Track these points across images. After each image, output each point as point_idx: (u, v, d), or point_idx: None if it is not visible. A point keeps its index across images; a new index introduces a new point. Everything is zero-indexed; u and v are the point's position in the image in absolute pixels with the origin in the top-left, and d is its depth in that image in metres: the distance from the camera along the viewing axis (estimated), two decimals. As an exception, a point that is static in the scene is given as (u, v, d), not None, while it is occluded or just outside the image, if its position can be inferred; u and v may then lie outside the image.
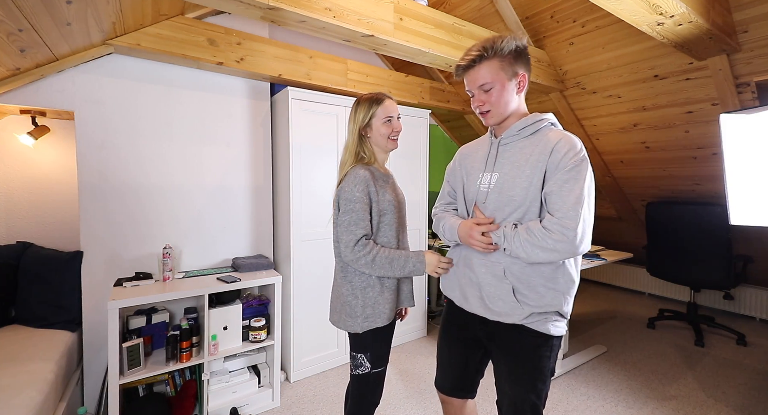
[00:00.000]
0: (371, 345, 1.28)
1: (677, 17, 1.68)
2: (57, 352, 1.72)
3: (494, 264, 1.08)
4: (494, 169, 1.11)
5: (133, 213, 2.06)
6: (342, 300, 1.29)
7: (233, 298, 2.10)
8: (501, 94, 1.05)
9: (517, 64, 1.05)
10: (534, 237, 0.96)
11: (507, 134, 1.10)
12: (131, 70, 2.03)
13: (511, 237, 1.00)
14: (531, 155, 1.03)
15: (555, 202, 0.97)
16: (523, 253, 0.99)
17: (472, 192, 1.16)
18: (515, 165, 1.05)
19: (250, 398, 2.04)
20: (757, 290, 3.27)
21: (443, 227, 1.22)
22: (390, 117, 1.32)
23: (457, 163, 1.29)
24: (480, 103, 1.08)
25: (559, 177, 0.97)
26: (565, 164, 0.97)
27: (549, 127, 1.08)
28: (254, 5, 1.42)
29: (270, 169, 2.55)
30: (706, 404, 2.10)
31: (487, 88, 1.05)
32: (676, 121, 2.61)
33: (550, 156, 0.99)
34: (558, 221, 0.94)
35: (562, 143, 0.99)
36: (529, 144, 1.05)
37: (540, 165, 1.00)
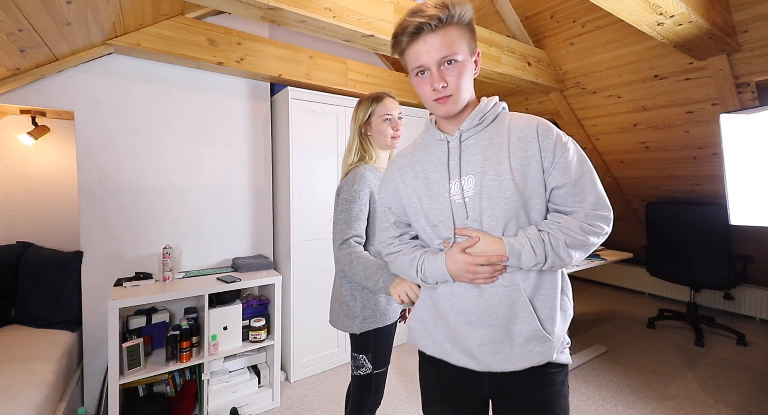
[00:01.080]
0: (372, 346, 1.27)
1: (677, 17, 1.68)
2: (57, 352, 1.72)
3: (510, 291, 0.81)
4: (464, 172, 0.84)
5: (133, 213, 2.06)
6: (341, 300, 1.28)
7: (233, 298, 2.10)
8: (464, 71, 0.81)
9: (473, 39, 0.83)
10: (575, 237, 0.78)
11: (467, 126, 0.85)
12: (131, 70, 2.03)
13: (542, 244, 0.77)
14: (506, 143, 0.82)
15: (576, 193, 0.80)
16: (562, 260, 0.79)
17: (441, 210, 0.85)
18: (492, 160, 0.81)
19: (250, 398, 2.04)
20: (757, 290, 3.27)
21: (419, 269, 0.89)
22: (389, 115, 1.31)
23: (397, 179, 0.95)
24: (442, 84, 0.79)
25: (563, 164, 0.80)
26: (561, 147, 0.80)
27: (506, 111, 0.89)
28: (254, 5, 1.42)
29: (270, 169, 2.55)
30: (706, 404, 2.10)
31: (452, 59, 0.78)
32: (676, 121, 2.61)
33: (538, 141, 0.80)
34: (595, 213, 0.79)
35: (542, 125, 0.82)
36: (495, 132, 0.84)
37: (529, 153, 0.80)
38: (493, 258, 0.79)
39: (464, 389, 0.90)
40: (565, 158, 0.80)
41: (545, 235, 0.79)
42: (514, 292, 0.81)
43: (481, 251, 0.80)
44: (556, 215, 0.82)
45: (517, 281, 0.82)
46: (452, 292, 0.86)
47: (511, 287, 0.82)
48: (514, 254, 0.78)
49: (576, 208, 0.81)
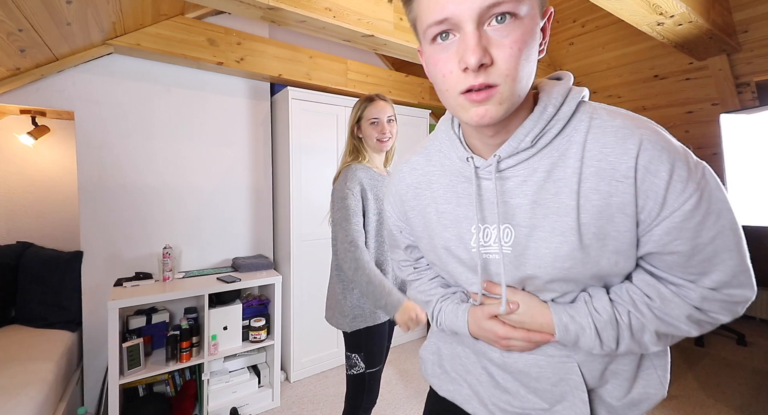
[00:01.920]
0: (364, 344, 1.28)
1: (677, 17, 1.68)
2: (57, 352, 1.72)
3: (557, 363, 0.57)
4: (497, 218, 0.54)
5: (133, 213, 2.06)
6: (335, 298, 1.30)
7: (233, 298, 2.10)
8: (529, 41, 0.44)
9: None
10: (676, 326, 0.52)
11: (510, 149, 0.52)
12: (131, 70, 2.03)
13: (616, 329, 0.52)
14: (575, 181, 0.50)
15: (694, 265, 0.49)
16: (644, 348, 0.54)
17: (461, 262, 0.61)
18: (547, 208, 0.51)
19: (250, 398, 2.04)
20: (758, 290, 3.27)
21: (435, 317, 0.69)
22: (376, 118, 1.31)
23: (405, 204, 0.68)
24: (479, 59, 0.42)
25: (680, 222, 0.47)
26: (681, 192, 0.46)
27: (584, 113, 0.51)
28: (254, 5, 1.42)
29: (270, 169, 2.55)
30: (706, 404, 2.10)
31: (507, 10, 0.42)
32: (676, 121, 2.61)
33: (636, 181, 0.47)
34: (719, 293, 0.50)
35: (647, 151, 0.46)
36: (560, 157, 0.51)
37: (614, 200, 0.48)
38: (535, 336, 0.56)
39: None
40: (683, 212, 0.46)
41: (624, 314, 0.52)
42: (563, 366, 0.57)
43: (520, 322, 0.56)
44: (651, 285, 0.52)
45: (569, 352, 0.57)
46: (476, 343, 0.65)
47: (561, 357, 0.57)
48: (568, 337, 0.53)
49: (688, 282, 0.51)
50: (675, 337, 0.54)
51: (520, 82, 0.45)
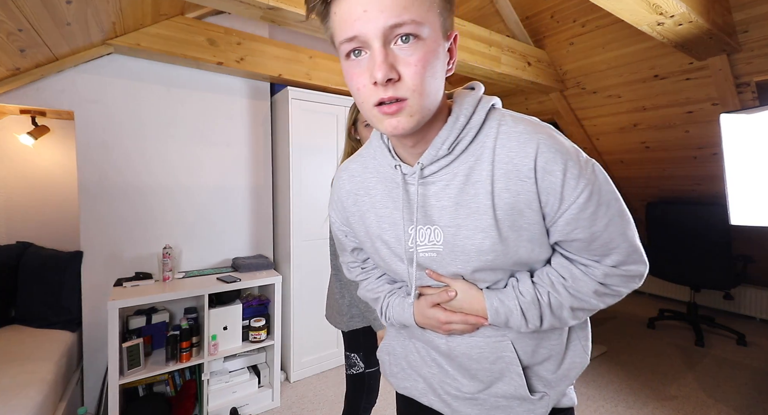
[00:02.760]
0: (363, 344, 1.27)
1: (677, 17, 1.68)
2: (57, 352, 1.72)
3: (493, 342, 0.64)
4: (428, 221, 0.61)
5: (133, 213, 2.06)
6: (333, 297, 1.31)
7: (233, 298, 2.10)
8: (431, 59, 0.49)
9: (450, 12, 0.53)
10: (587, 301, 0.60)
11: (430, 157, 0.58)
12: (131, 70, 2.03)
13: (538, 308, 0.60)
14: (489, 182, 0.56)
15: (594, 248, 0.58)
16: (564, 322, 0.62)
17: (399, 260, 0.66)
18: (468, 208, 0.57)
19: (250, 398, 2.04)
20: (757, 290, 3.27)
21: (383, 312, 0.74)
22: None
23: (347, 210, 0.72)
24: (387, 75, 0.46)
25: (577, 213, 0.54)
26: (573, 187, 0.53)
27: (493, 121, 0.57)
28: (254, 5, 1.42)
29: (270, 169, 2.55)
30: (706, 404, 2.10)
31: (410, 31, 0.46)
32: (676, 121, 2.61)
33: (537, 180, 0.54)
34: (620, 272, 0.59)
35: (543, 154, 0.53)
36: (475, 162, 0.57)
37: (521, 198, 0.55)
38: (471, 319, 0.63)
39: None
40: (577, 205, 0.54)
41: (544, 294, 0.60)
42: (499, 345, 0.64)
43: (459, 308, 0.63)
44: (564, 267, 0.61)
45: (503, 331, 0.64)
46: (423, 334, 0.71)
47: (497, 337, 0.64)
48: (498, 318, 0.61)
49: (593, 262, 0.60)
50: (587, 311, 0.62)
51: (428, 97, 0.50)
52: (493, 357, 0.64)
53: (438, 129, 0.57)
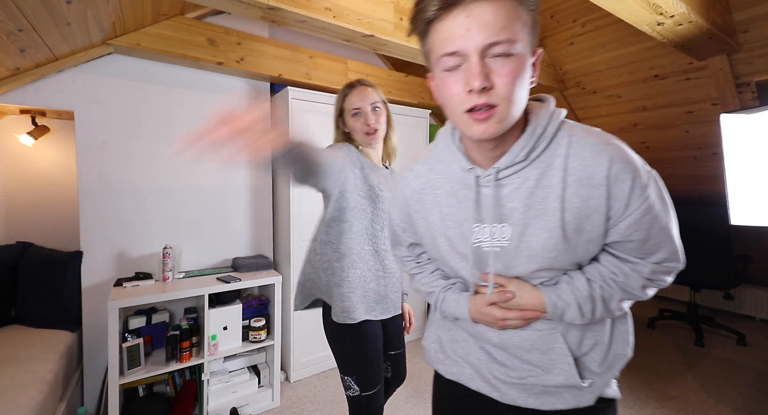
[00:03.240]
0: (356, 368, 1.18)
1: (677, 17, 1.68)
2: (57, 352, 1.72)
3: (544, 335, 0.69)
4: (497, 219, 0.66)
5: (133, 213, 2.06)
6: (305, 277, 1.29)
7: (233, 298, 2.10)
8: (521, 73, 0.54)
9: (536, 32, 0.58)
10: (634, 293, 0.67)
11: (507, 162, 0.63)
12: (131, 70, 2.03)
13: (592, 303, 0.65)
14: (560, 188, 0.61)
15: (646, 248, 0.64)
16: (611, 314, 0.68)
17: (462, 257, 0.71)
18: (537, 209, 0.63)
19: (250, 398, 2.04)
20: (757, 290, 3.27)
21: (437, 305, 0.79)
22: (357, 109, 1.17)
23: (410, 208, 0.77)
24: (483, 84, 0.52)
25: (640, 218, 0.61)
26: (639, 195, 0.59)
27: (564, 131, 0.64)
28: (254, 5, 1.42)
29: (270, 169, 2.55)
30: (706, 404, 2.10)
31: (504, 51, 0.52)
32: (676, 121, 2.61)
33: (608, 188, 0.59)
34: (663, 267, 0.66)
35: (616, 164, 0.59)
36: (546, 169, 0.62)
37: (591, 202, 0.60)
38: (529, 314, 0.67)
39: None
40: (641, 211, 0.60)
41: (597, 289, 0.65)
42: (550, 337, 0.68)
43: (516, 304, 0.68)
44: (615, 264, 0.67)
45: (554, 325, 0.68)
46: (474, 327, 0.75)
47: (547, 330, 0.68)
48: (556, 312, 0.66)
49: (641, 260, 0.65)
50: (631, 302, 0.69)
51: (516, 105, 0.56)
52: (544, 348, 0.69)
53: (515, 136, 0.63)
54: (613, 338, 0.71)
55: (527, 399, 0.71)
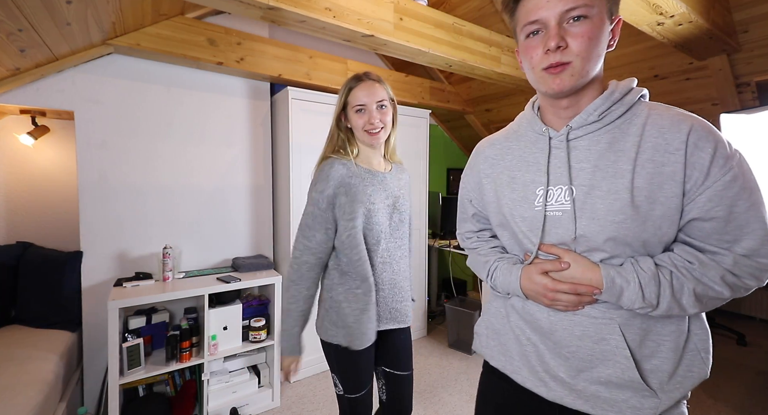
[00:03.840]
0: (336, 367, 1.17)
1: (677, 17, 1.68)
2: (57, 352, 1.72)
3: (599, 323, 0.64)
4: (564, 180, 0.65)
5: (133, 213, 2.06)
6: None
7: (233, 298, 2.10)
8: (597, 33, 0.60)
9: (616, 1, 0.64)
10: (711, 287, 0.59)
11: (580, 121, 0.65)
12: (131, 70, 2.03)
13: (658, 286, 0.59)
14: (633, 152, 0.60)
15: (728, 231, 0.58)
16: (683, 310, 0.60)
17: (524, 220, 0.70)
18: (606, 172, 0.62)
19: (250, 398, 2.04)
20: (757, 290, 3.27)
21: (490, 275, 0.79)
22: (361, 106, 1.09)
23: (480, 171, 0.82)
24: (558, 43, 0.59)
25: (719, 190, 0.56)
26: (721, 164, 0.56)
27: (644, 102, 0.66)
28: (254, 5, 1.42)
29: (270, 169, 2.55)
30: (706, 404, 2.10)
31: (581, 13, 0.58)
32: (676, 121, 2.61)
33: (686, 154, 0.57)
34: (749, 260, 0.58)
35: (697, 130, 0.58)
36: (621, 134, 0.62)
37: (666, 169, 0.58)
38: (582, 288, 0.63)
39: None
40: (723, 182, 0.56)
41: (666, 273, 0.59)
42: (605, 327, 0.63)
43: (570, 276, 0.64)
44: (690, 251, 0.61)
45: (611, 315, 0.63)
46: (525, 308, 0.73)
47: (603, 319, 0.63)
48: (613, 289, 0.61)
49: (723, 249, 0.59)
50: (711, 300, 0.60)
51: (589, 61, 0.61)
52: (597, 337, 0.64)
53: (592, 98, 0.66)
54: (687, 351, 0.64)
55: (575, 400, 0.65)
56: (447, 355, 2.74)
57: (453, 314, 2.89)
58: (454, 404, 2.12)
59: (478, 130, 3.82)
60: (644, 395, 0.61)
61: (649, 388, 0.61)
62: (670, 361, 0.63)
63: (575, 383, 0.66)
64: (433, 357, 2.70)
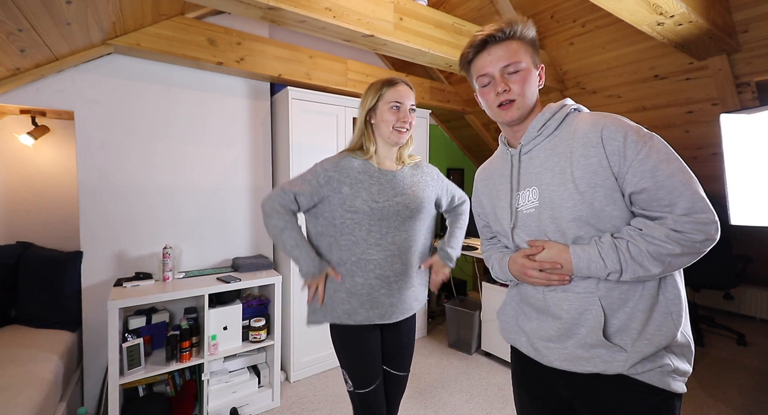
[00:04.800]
0: (345, 363, 1.22)
1: (677, 17, 1.68)
2: (57, 352, 1.72)
3: (582, 297, 0.78)
4: (525, 184, 0.86)
5: (133, 213, 2.06)
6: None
7: (233, 298, 2.10)
8: (528, 78, 0.83)
9: (536, 55, 0.87)
10: (661, 245, 0.70)
11: (526, 138, 0.86)
12: (131, 70, 2.03)
13: (616, 252, 0.72)
14: (568, 152, 0.79)
15: (661, 197, 0.71)
16: (648, 270, 0.72)
17: (506, 220, 0.90)
18: (553, 171, 0.81)
19: (250, 398, 2.04)
20: (757, 290, 3.27)
21: (491, 266, 1.00)
22: (398, 103, 1.16)
23: (479, 191, 1.04)
24: (504, 88, 0.82)
25: (640, 166, 0.71)
26: (634, 147, 0.72)
27: (574, 114, 0.85)
28: (254, 5, 1.42)
29: (270, 169, 2.55)
30: (706, 404, 2.10)
31: (514, 69, 0.82)
32: (676, 121, 2.61)
33: (603, 146, 0.74)
34: (688, 218, 0.69)
35: (608, 128, 0.75)
36: (558, 142, 0.82)
37: (593, 161, 0.75)
38: (546, 264, 0.80)
39: (540, 382, 0.90)
40: (640, 160, 0.71)
41: (622, 242, 0.73)
42: (586, 299, 0.78)
43: (547, 257, 0.81)
44: (640, 220, 0.75)
45: (591, 289, 0.78)
46: (526, 291, 0.91)
47: (585, 294, 0.78)
48: (581, 263, 0.75)
49: (665, 213, 0.72)
50: (669, 258, 0.71)
51: (527, 98, 0.85)
52: (581, 309, 0.78)
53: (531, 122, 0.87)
54: (656, 311, 0.75)
55: (563, 362, 0.80)
56: (447, 355, 2.74)
57: (453, 314, 2.89)
58: (454, 404, 2.11)
59: (477, 130, 3.82)
60: (614, 351, 0.75)
61: (616, 345, 0.75)
62: (639, 321, 0.75)
63: (564, 348, 0.80)
64: (433, 357, 2.70)
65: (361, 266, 1.15)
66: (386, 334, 1.28)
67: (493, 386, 2.31)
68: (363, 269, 1.15)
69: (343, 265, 1.16)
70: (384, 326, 1.25)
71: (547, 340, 0.83)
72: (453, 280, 3.41)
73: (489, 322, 2.65)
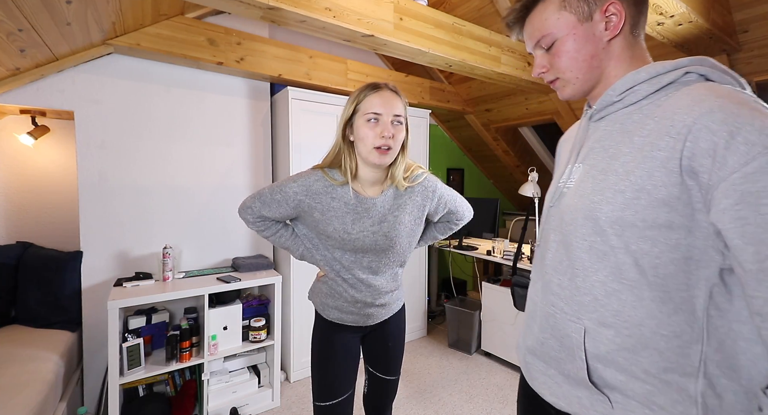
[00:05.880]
0: (312, 363, 1.19)
1: (677, 17, 1.68)
2: (57, 352, 1.72)
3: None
4: (581, 158, 0.68)
5: (133, 213, 2.06)
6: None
7: (233, 298, 2.10)
8: (569, 47, 0.64)
9: (576, 3, 0.63)
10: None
11: (601, 103, 0.66)
12: (131, 70, 2.03)
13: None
14: (636, 133, 0.57)
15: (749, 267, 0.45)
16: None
17: (551, 199, 0.73)
18: (606, 152, 0.61)
19: (250, 398, 2.04)
20: (757, 290, 3.27)
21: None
22: (376, 115, 0.94)
23: (556, 162, 0.87)
24: (541, 69, 0.70)
25: (741, 185, 0.44)
26: (745, 152, 0.44)
27: (687, 83, 0.57)
28: (254, 5, 1.42)
29: (270, 169, 2.55)
30: (706, 404, 2.09)
31: (546, 43, 0.67)
32: (676, 121, 2.61)
33: (688, 140, 0.49)
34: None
35: (713, 112, 0.48)
36: (640, 115, 0.59)
37: (659, 155, 0.52)
38: None
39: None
40: (745, 175, 0.44)
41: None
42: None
43: None
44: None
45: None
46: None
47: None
48: None
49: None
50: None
51: (571, 71, 0.67)
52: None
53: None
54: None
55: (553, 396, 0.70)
56: (447, 355, 2.74)
57: (453, 314, 2.89)
58: (454, 404, 2.12)
59: (477, 130, 3.82)
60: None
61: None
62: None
63: (552, 375, 0.73)
64: (433, 357, 2.70)
65: (338, 282, 1.11)
66: (369, 337, 1.23)
67: (493, 386, 2.31)
68: (339, 285, 1.11)
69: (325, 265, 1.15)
70: (366, 328, 1.19)
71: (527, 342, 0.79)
72: (453, 280, 3.41)
73: (489, 322, 2.65)
